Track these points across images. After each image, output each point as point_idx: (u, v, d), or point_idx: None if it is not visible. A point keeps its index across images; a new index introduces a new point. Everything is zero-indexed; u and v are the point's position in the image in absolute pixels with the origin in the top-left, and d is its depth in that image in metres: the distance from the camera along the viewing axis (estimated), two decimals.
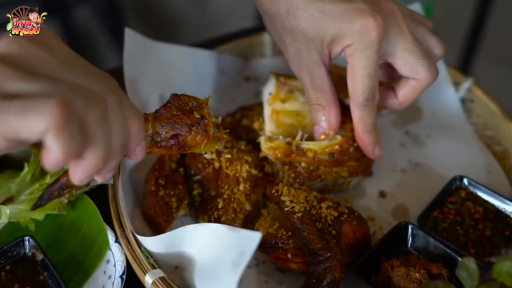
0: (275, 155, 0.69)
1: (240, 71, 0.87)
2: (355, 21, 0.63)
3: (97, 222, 0.66)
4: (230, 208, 0.68)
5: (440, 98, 0.83)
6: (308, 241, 0.62)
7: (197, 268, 0.61)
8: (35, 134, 0.46)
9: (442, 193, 0.71)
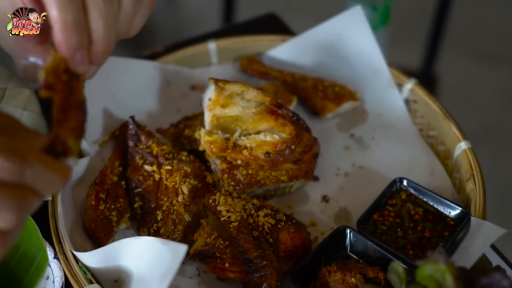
0: (211, 149, 0.69)
1: (186, 80, 0.87)
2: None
3: (36, 239, 0.66)
4: (170, 220, 0.68)
5: (385, 100, 0.84)
6: (244, 250, 0.63)
7: (133, 281, 0.61)
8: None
9: (382, 196, 0.71)
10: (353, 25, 0.85)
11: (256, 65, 0.87)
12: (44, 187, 0.46)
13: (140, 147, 0.73)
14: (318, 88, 0.83)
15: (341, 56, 0.86)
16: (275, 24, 1.01)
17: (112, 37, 0.57)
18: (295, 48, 0.88)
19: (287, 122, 0.72)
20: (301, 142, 0.72)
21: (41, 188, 0.46)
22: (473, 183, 0.71)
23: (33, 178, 0.45)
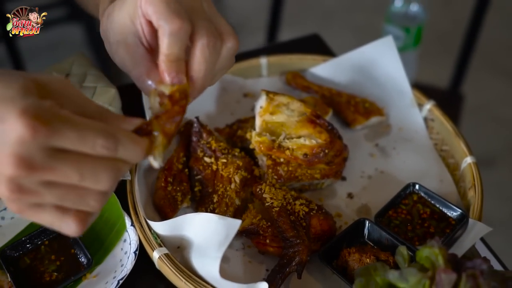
0: (259, 148, 0.85)
1: (239, 89, 1.03)
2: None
3: (117, 209, 0.83)
4: (223, 203, 0.84)
5: (407, 117, 0.99)
6: (282, 230, 0.79)
7: (193, 248, 0.78)
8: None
9: (398, 196, 0.86)
10: (384, 52, 1.00)
11: (300, 79, 1.03)
12: (131, 158, 0.59)
13: (201, 142, 0.90)
14: (351, 103, 0.99)
15: (372, 77, 1.01)
16: (318, 44, 1.16)
17: (207, 79, 0.71)
18: (333, 67, 1.03)
19: (323, 130, 0.88)
20: (334, 148, 0.88)
21: (129, 159, 0.59)
22: (474, 191, 0.85)
23: (124, 152, 0.58)
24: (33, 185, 0.54)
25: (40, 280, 0.78)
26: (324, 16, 3.16)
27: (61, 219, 0.57)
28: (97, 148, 0.55)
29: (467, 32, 1.67)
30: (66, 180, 0.55)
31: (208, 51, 0.69)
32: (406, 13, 1.54)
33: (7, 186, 0.54)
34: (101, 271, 0.80)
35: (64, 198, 0.56)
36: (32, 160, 0.53)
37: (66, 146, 0.54)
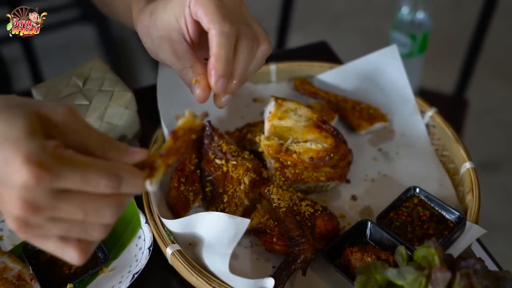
0: (268, 151, 0.90)
1: (249, 94, 1.08)
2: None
3: (132, 208, 0.88)
4: (233, 203, 0.89)
5: (409, 123, 1.03)
6: (288, 229, 0.83)
7: (204, 245, 0.82)
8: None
9: (399, 199, 0.91)
10: (388, 60, 1.04)
11: (307, 85, 1.08)
12: (133, 192, 0.61)
13: (213, 145, 0.94)
14: (356, 109, 1.03)
15: (377, 85, 1.05)
16: (325, 51, 1.20)
17: (243, 77, 0.78)
18: (340, 74, 1.08)
19: (329, 135, 0.92)
20: (338, 152, 0.92)
21: (131, 193, 0.62)
22: (472, 195, 0.90)
23: (126, 188, 0.60)
24: (39, 221, 0.57)
25: (59, 273, 0.83)
26: (333, 19, 3.20)
27: (64, 249, 0.60)
28: (100, 188, 0.57)
29: (472, 37, 1.70)
30: (71, 217, 0.58)
31: (247, 51, 0.76)
32: (412, 21, 1.58)
33: (14, 223, 0.57)
34: (117, 266, 0.84)
35: (68, 231, 0.59)
36: (37, 203, 0.56)
37: (70, 187, 0.57)
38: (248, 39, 0.77)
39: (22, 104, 0.59)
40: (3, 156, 0.55)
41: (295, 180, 0.91)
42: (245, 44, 0.76)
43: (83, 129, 0.60)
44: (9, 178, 0.55)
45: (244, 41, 0.76)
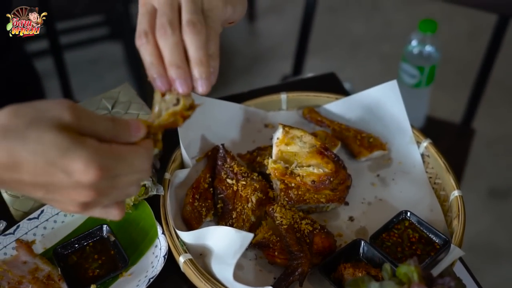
0: (274, 173, 1.00)
1: (261, 120, 1.18)
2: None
3: (151, 219, 0.98)
4: (240, 219, 0.99)
5: (406, 152, 1.12)
6: (289, 244, 0.93)
7: (213, 256, 0.92)
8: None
9: (391, 222, 1.00)
10: (389, 94, 1.14)
11: (314, 114, 1.18)
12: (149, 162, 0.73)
13: (225, 166, 1.05)
14: (357, 137, 1.13)
15: (377, 116, 1.15)
16: (333, 82, 1.30)
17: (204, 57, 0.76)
18: (345, 105, 1.17)
19: (330, 161, 1.02)
20: (338, 176, 1.02)
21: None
22: (458, 221, 0.98)
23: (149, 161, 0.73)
24: (98, 200, 0.69)
25: (84, 275, 0.94)
26: (352, 45, 3.30)
27: (108, 212, 0.73)
28: (140, 168, 0.71)
29: (479, 68, 1.78)
30: (119, 189, 0.70)
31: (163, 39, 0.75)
32: (420, 53, 1.68)
33: (78, 207, 0.69)
34: (135, 271, 0.95)
35: (115, 199, 0.72)
36: (100, 190, 0.68)
37: (120, 173, 0.69)
38: (192, 28, 0.75)
39: (35, 118, 0.65)
40: (62, 166, 0.65)
41: (297, 201, 1.01)
42: (190, 35, 0.75)
43: (93, 119, 0.68)
44: (69, 181, 0.66)
45: (189, 34, 0.75)
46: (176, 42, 0.75)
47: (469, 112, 1.86)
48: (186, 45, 0.75)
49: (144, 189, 0.99)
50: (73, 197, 0.68)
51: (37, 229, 0.98)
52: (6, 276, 0.93)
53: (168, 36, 0.75)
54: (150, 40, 0.75)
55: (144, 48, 0.76)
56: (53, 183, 0.66)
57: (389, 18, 3.38)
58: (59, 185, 0.66)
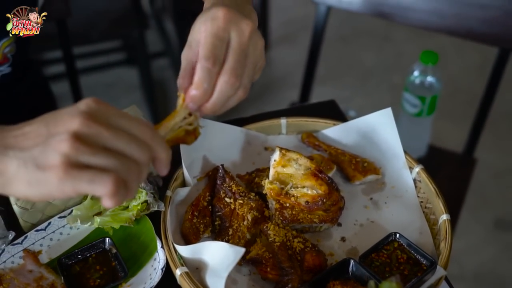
0: (270, 193, 1.05)
1: (261, 143, 1.24)
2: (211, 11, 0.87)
3: (151, 233, 1.04)
4: (236, 236, 1.04)
5: (399, 177, 1.17)
6: (280, 260, 0.97)
7: (208, 269, 0.97)
8: (96, 195, 0.71)
9: (381, 242, 1.04)
10: (384, 121, 1.19)
11: (312, 139, 1.23)
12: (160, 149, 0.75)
13: (224, 185, 1.10)
14: (352, 162, 1.17)
15: (372, 142, 1.20)
16: (333, 109, 1.36)
17: (216, 107, 0.88)
18: (341, 131, 1.23)
19: (323, 183, 1.07)
20: (331, 198, 1.07)
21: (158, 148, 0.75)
22: (445, 243, 1.03)
23: (156, 143, 0.74)
24: (91, 143, 0.69)
25: (86, 285, 0.99)
26: (363, 74, 3.36)
27: (102, 175, 0.69)
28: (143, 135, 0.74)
29: (481, 100, 1.83)
30: (118, 143, 0.71)
31: (223, 89, 0.87)
32: (422, 84, 1.73)
33: (69, 140, 0.68)
34: (134, 282, 1.00)
35: (112, 159, 0.70)
36: (96, 119, 0.70)
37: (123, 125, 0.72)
38: (231, 76, 0.85)
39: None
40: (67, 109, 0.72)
41: (292, 220, 1.05)
42: (225, 80, 0.85)
43: (117, 110, 0.74)
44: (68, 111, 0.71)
45: (225, 77, 0.85)
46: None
47: (471, 141, 1.90)
48: (216, 85, 0.87)
49: (146, 205, 1.05)
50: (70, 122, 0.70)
51: (43, 240, 1.04)
52: (12, 283, 0.98)
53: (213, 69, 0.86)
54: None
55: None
56: (54, 115, 0.72)
57: (400, 50, 3.45)
58: (58, 116, 0.71)
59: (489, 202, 2.73)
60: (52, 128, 0.70)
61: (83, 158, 0.69)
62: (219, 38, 0.85)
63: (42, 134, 0.70)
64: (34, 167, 0.69)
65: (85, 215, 1.05)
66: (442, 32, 1.75)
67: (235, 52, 0.86)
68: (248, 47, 0.88)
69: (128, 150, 0.71)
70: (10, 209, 1.06)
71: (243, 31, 0.87)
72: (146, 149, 0.73)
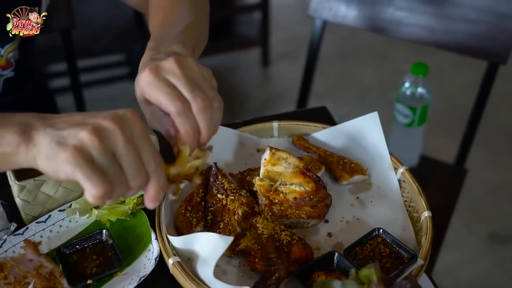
0: (260, 190, 1.10)
1: (254, 145, 1.29)
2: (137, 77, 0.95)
3: (146, 227, 1.09)
4: (227, 229, 1.09)
5: (385, 178, 1.22)
6: (268, 252, 1.02)
7: (199, 259, 1.02)
8: (85, 188, 0.78)
9: (365, 237, 1.09)
10: (370, 124, 1.24)
11: (302, 141, 1.28)
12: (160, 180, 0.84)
13: (217, 182, 1.15)
14: (340, 162, 1.23)
15: (360, 144, 1.25)
16: (324, 114, 1.42)
17: (210, 131, 0.94)
18: (330, 134, 1.28)
19: (311, 181, 1.12)
20: (318, 195, 1.12)
21: (158, 180, 0.83)
22: (425, 238, 1.07)
23: (157, 174, 0.83)
24: (105, 144, 0.78)
25: (83, 272, 1.04)
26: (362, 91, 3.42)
27: (98, 177, 0.76)
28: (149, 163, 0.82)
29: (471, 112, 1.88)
30: (124, 159, 0.79)
31: (204, 115, 0.91)
32: (413, 95, 1.79)
33: (89, 132, 0.77)
34: (129, 271, 1.05)
35: (111, 167, 0.78)
36: (121, 127, 0.79)
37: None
38: (202, 101, 0.90)
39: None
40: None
41: (280, 215, 1.11)
42: (200, 108, 0.90)
43: (139, 132, 0.82)
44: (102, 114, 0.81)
45: (199, 105, 0.90)
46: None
47: (462, 152, 1.95)
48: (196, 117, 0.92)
49: (142, 200, 1.10)
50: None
51: (43, 232, 1.09)
52: (13, 271, 1.03)
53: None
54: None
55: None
56: (96, 112, 0.82)
57: (397, 68, 3.52)
58: (97, 112, 0.81)
59: (484, 216, 2.77)
60: (87, 119, 0.81)
61: (92, 151, 0.77)
62: (161, 86, 0.90)
63: (78, 122, 0.80)
64: (55, 143, 0.78)
65: (84, 208, 1.10)
66: (433, 45, 1.81)
67: (182, 84, 0.91)
68: (185, 73, 0.92)
69: (126, 169, 0.79)
70: (12, 202, 1.12)
71: (172, 68, 0.92)
72: (141, 176, 0.81)
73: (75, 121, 0.80)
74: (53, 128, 0.80)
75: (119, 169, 0.79)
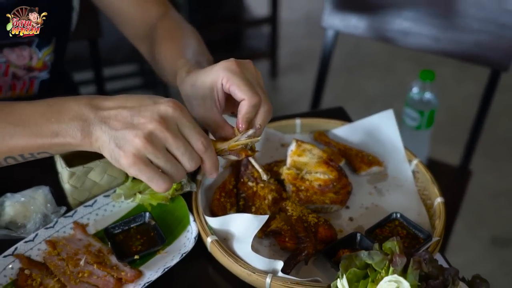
0: (287, 178, 1.21)
1: (278, 140, 1.41)
2: (220, 64, 1.02)
3: (184, 210, 1.19)
4: (258, 212, 1.19)
5: (400, 169, 1.33)
6: (297, 231, 1.13)
7: (235, 238, 1.13)
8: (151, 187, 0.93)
9: (384, 220, 1.19)
10: (386, 121, 1.36)
11: (323, 137, 1.40)
12: (210, 161, 0.97)
13: (247, 172, 1.26)
14: (358, 155, 1.34)
15: (376, 139, 1.37)
16: (341, 113, 1.53)
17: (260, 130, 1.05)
18: (349, 130, 1.40)
19: (334, 169, 1.23)
20: (340, 182, 1.23)
21: (209, 161, 0.97)
22: (439, 220, 1.18)
23: (208, 155, 0.96)
24: (158, 145, 0.89)
25: (129, 250, 1.14)
26: (366, 101, 3.54)
27: (155, 178, 0.90)
28: (199, 144, 0.93)
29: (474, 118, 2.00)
30: (176, 151, 0.92)
31: (264, 114, 1.03)
32: (421, 99, 1.90)
33: (142, 139, 0.87)
34: (170, 250, 1.15)
35: (168, 163, 0.91)
36: (167, 126, 0.89)
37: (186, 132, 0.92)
38: (264, 105, 1.02)
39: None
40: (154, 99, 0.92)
41: (306, 201, 1.22)
42: (264, 109, 1.02)
43: (183, 122, 0.92)
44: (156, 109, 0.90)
45: (267, 106, 1.03)
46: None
47: (465, 160, 2.06)
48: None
49: (180, 186, 1.21)
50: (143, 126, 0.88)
51: (90, 215, 1.20)
52: (65, 249, 1.13)
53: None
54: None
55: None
56: (140, 104, 0.90)
57: (401, 79, 3.64)
58: (142, 109, 0.89)
59: (486, 221, 2.87)
60: (135, 118, 0.90)
61: (149, 155, 0.89)
62: (246, 78, 1.01)
63: (126, 120, 0.89)
64: (114, 145, 0.89)
65: (128, 193, 1.21)
66: (438, 54, 1.93)
67: (257, 84, 1.04)
68: (259, 75, 1.06)
69: (181, 158, 0.92)
70: (58, 190, 1.22)
71: (250, 67, 1.05)
72: (195, 160, 0.93)
73: (125, 120, 0.90)
74: (107, 125, 0.90)
75: (175, 161, 0.92)
